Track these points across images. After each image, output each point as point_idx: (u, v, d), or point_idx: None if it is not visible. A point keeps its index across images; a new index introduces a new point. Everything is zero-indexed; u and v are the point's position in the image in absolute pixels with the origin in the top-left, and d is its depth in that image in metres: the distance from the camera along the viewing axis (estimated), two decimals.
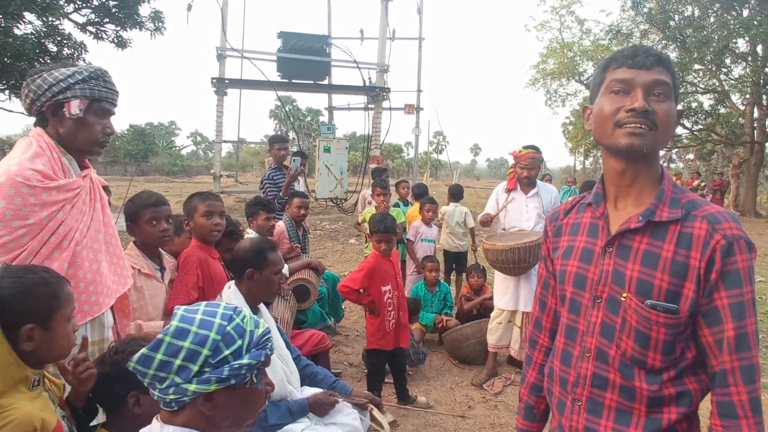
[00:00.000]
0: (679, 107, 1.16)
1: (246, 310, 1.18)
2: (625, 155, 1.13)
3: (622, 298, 1.12)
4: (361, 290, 3.38)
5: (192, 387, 1.05)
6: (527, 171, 3.98)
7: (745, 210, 19.18)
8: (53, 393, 1.44)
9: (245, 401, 1.13)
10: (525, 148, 4.02)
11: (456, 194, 5.92)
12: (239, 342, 1.10)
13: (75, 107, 1.63)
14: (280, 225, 4.13)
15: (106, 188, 2.06)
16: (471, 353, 4.34)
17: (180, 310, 1.10)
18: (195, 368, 1.05)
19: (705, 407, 1.23)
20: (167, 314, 2.30)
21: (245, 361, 1.09)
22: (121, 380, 1.44)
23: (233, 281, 2.32)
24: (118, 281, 1.79)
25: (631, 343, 1.12)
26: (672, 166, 54.40)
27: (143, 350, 1.05)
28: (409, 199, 6.03)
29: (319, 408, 2.26)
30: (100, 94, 1.67)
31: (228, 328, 1.09)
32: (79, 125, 1.66)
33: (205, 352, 1.05)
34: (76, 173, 1.70)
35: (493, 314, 4.15)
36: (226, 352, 1.07)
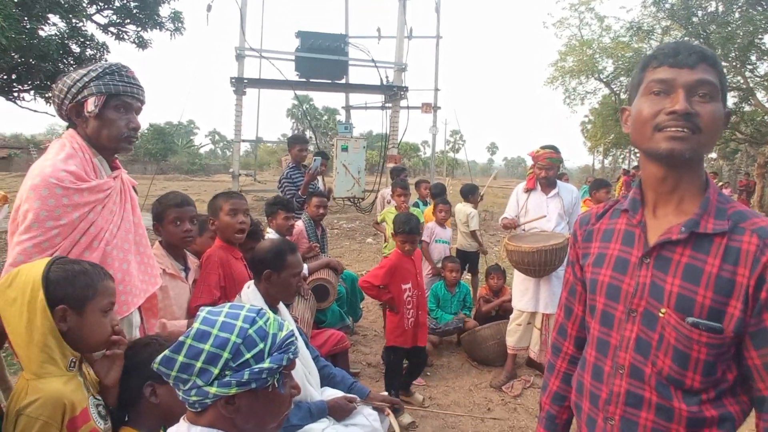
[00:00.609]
0: (729, 107, 1.10)
1: (271, 314, 1.18)
2: (666, 161, 1.07)
3: (661, 314, 1.06)
4: (381, 287, 3.41)
5: (213, 390, 1.05)
6: (545, 171, 3.93)
7: None
8: (90, 381, 1.48)
9: (268, 405, 1.13)
10: (543, 148, 3.98)
11: (464, 193, 5.87)
12: (261, 345, 1.09)
13: (91, 104, 1.65)
14: (299, 225, 4.14)
15: (133, 189, 2.09)
16: (490, 355, 4.31)
17: (203, 312, 1.11)
18: (216, 371, 1.05)
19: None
20: (191, 314, 2.33)
21: (266, 365, 1.08)
22: (135, 373, 1.47)
23: (252, 281, 2.34)
24: (147, 281, 1.82)
25: (668, 361, 1.05)
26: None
27: (166, 352, 1.06)
28: (428, 200, 6.01)
29: (338, 412, 2.27)
30: (117, 89, 1.66)
31: (250, 331, 1.09)
32: (101, 122, 1.67)
33: (226, 355, 1.06)
34: (107, 174, 1.73)
35: (512, 316, 4.12)
36: (247, 356, 1.07)
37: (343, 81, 9.74)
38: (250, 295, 2.23)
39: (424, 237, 4.87)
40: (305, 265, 3.72)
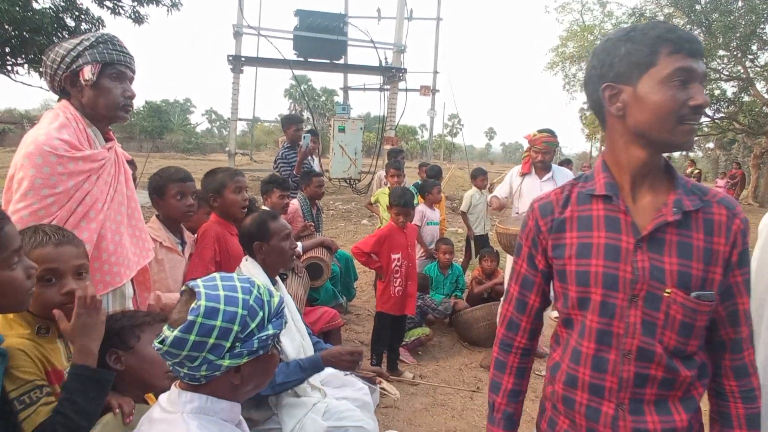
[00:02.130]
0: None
1: (258, 280, 1.21)
2: (672, 150, 1.11)
3: (666, 294, 1.08)
4: (373, 255, 3.61)
5: (226, 362, 1.09)
6: (542, 155, 3.94)
7: (763, 201, 18.86)
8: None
9: (266, 367, 1.19)
10: (540, 131, 3.98)
11: (472, 176, 5.96)
12: (261, 313, 1.14)
13: (88, 72, 1.65)
14: (295, 203, 4.16)
15: (131, 162, 2.10)
16: (481, 335, 4.37)
17: (200, 288, 1.11)
18: (228, 344, 1.08)
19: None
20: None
21: (271, 331, 1.14)
22: (117, 339, 1.47)
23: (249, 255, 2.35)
24: (139, 254, 1.83)
25: (674, 336, 1.10)
26: (691, 155, 53.47)
27: (176, 332, 1.07)
28: None
29: (336, 361, 2.18)
30: (111, 57, 1.67)
31: (250, 301, 1.13)
32: (97, 91, 1.68)
33: (236, 328, 1.09)
34: (101, 144, 1.73)
35: (503, 297, 4.16)
36: (252, 326, 1.11)
37: (342, 61, 9.66)
38: (250, 266, 2.24)
39: (415, 220, 4.89)
40: (299, 243, 3.74)
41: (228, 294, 1.11)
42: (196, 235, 2.54)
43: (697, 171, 18.53)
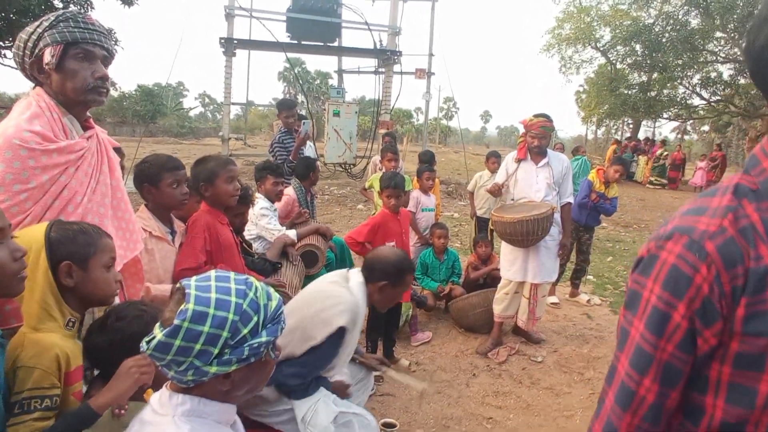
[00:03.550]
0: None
1: (257, 282, 1.16)
2: None
3: None
4: (367, 244, 3.53)
5: (213, 369, 1.04)
6: (538, 140, 3.89)
7: None
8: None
9: (260, 373, 1.14)
10: (536, 116, 3.93)
11: (487, 158, 5.99)
12: (255, 318, 1.08)
13: (47, 55, 1.54)
14: (290, 193, 4.09)
15: (118, 150, 2.03)
16: (477, 322, 4.36)
17: (191, 289, 1.06)
18: (215, 351, 1.03)
19: None
20: (175, 278, 2.31)
21: (264, 339, 1.08)
22: (125, 348, 1.44)
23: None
24: (126, 246, 1.77)
25: None
26: (686, 138, 53.49)
27: (161, 336, 1.02)
28: None
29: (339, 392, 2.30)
30: (74, 36, 1.55)
31: (244, 306, 1.07)
32: (63, 75, 1.56)
33: (225, 334, 1.03)
34: (78, 134, 1.65)
35: (500, 284, 4.15)
36: (245, 331, 1.06)
37: (336, 44, 9.50)
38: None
39: (410, 206, 4.84)
40: (294, 231, 3.70)
41: (220, 297, 1.06)
42: (186, 224, 2.49)
43: (666, 153, 18.32)
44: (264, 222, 3.67)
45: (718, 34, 19.27)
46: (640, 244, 9.49)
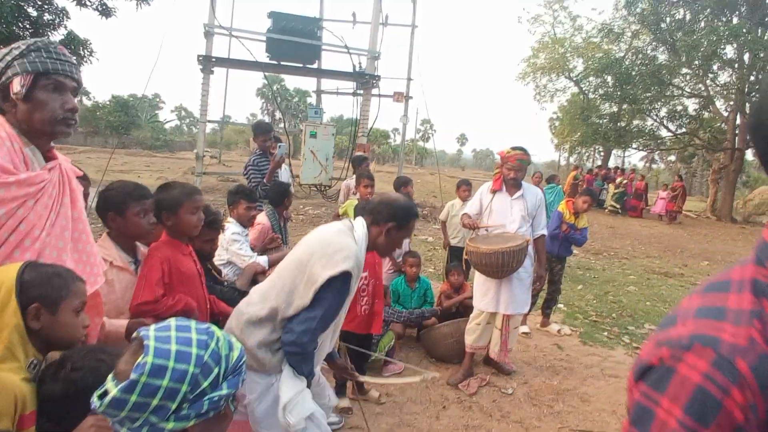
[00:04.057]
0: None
1: (218, 331, 1.11)
2: None
3: None
4: None
5: (169, 425, 0.98)
6: (514, 172, 3.94)
7: (721, 215, 19.57)
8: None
9: (218, 425, 1.09)
10: (513, 149, 3.99)
11: (458, 186, 6.04)
12: (216, 370, 1.03)
13: (17, 84, 1.49)
14: (263, 221, 4.02)
15: (83, 178, 1.95)
16: (448, 352, 4.34)
17: (150, 340, 1.01)
18: (173, 406, 0.98)
19: None
20: (131, 312, 2.20)
21: (224, 391, 1.03)
22: (79, 401, 1.35)
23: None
24: (86, 281, 1.70)
25: None
26: (653, 166, 55.30)
27: (116, 392, 0.96)
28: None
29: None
30: (46, 67, 1.50)
31: (205, 357, 1.02)
32: (31, 105, 1.51)
33: (184, 388, 0.98)
34: (40, 165, 1.58)
35: (472, 315, 4.15)
36: (205, 384, 1.01)
37: (315, 65, 9.54)
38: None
39: None
40: (265, 258, 3.63)
41: (180, 349, 1.00)
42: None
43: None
44: (235, 248, 3.59)
45: (684, 70, 20.13)
46: (610, 271, 9.67)
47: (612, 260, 11.04)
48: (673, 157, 47.47)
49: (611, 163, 27.51)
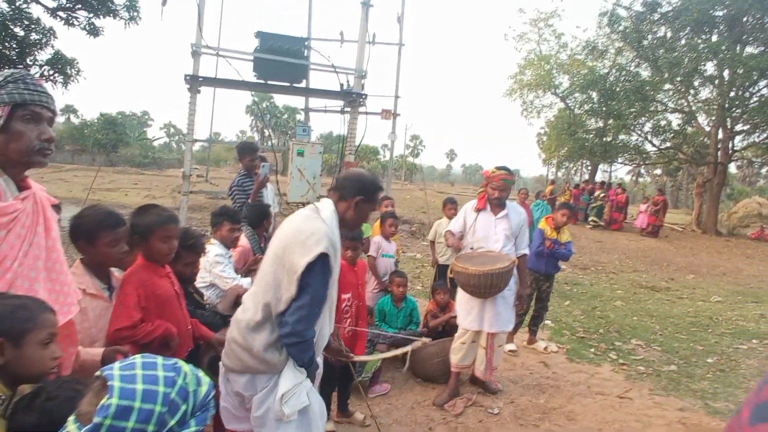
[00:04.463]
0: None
1: (185, 366, 1.10)
2: None
3: None
4: None
5: None
6: (498, 192, 3.98)
7: (706, 228, 19.79)
8: None
9: None
10: (498, 168, 4.03)
11: (444, 204, 6.05)
12: (184, 407, 1.02)
13: None
14: (244, 243, 4.00)
15: (57, 206, 1.94)
16: (435, 372, 4.32)
17: (115, 380, 0.99)
18: None
19: None
20: (109, 339, 2.18)
21: (192, 429, 1.02)
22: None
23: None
24: (59, 310, 1.67)
25: None
26: (640, 180, 55.99)
27: None
28: None
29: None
30: (23, 98, 1.52)
31: (173, 395, 1.01)
32: (8, 135, 1.52)
33: (150, 429, 0.97)
34: (13, 195, 1.58)
35: (457, 334, 4.14)
36: (171, 423, 0.99)
37: (303, 84, 9.59)
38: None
39: (371, 252, 4.83)
40: (248, 279, 3.61)
41: (147, 388, 0.99)
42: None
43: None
44: (218, 270, 3.57)
45: (667, 86, 20.53)
46: (597, 286, 9.73)
47: (600, 275, 11.11)
48: (659, 171, 48.14)
49: (598, 178, 27.82)
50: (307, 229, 2.05)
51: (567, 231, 5.46)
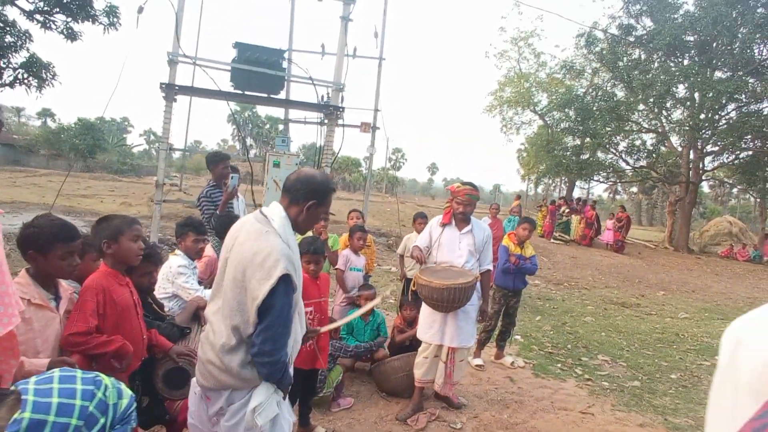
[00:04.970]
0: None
1: (106, 379, 1.10)
2: None
3: None
4: None
5: None
6: (463, 207, 4.03)
7: (678, 246, 20.23)
8: None
9: None
10: (463, 184, 4.10)
11: (414, 219, 6.08)
12: (102, 420, 1.02)
13: None
14: (210, 253, 3.98)
15: None
16: (399, 386, 4.31)
17: (29, 394, 0.98)
18: None
19: None
20: (63, 344, 2.19)
21: None
22: None
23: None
24: None
25: None
26: (617, 197, 57.08)
27: None
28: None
29: None
30: None
31: (90, 408, 1.01)
32: None
33: None
34: None
35: (420, 348, 4.16)
36: None
37: (281, 96, 9.61)
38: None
39: (339, 265, 4.83)
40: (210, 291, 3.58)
41: (62, 401, 0.98)
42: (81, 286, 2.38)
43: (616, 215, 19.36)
44: (181, 281, 3.54)
45: (641, 106, 21.09)
46: (569, 302, 9.85)
47: (572, 290, 11.27)
48: (635, 189, 49.15)
49: (576, 194, 28.31)
50: (263, 249, 1.98)
51: (530, 245, 5.54)
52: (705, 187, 25.20)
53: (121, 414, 1.06)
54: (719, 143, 20.00)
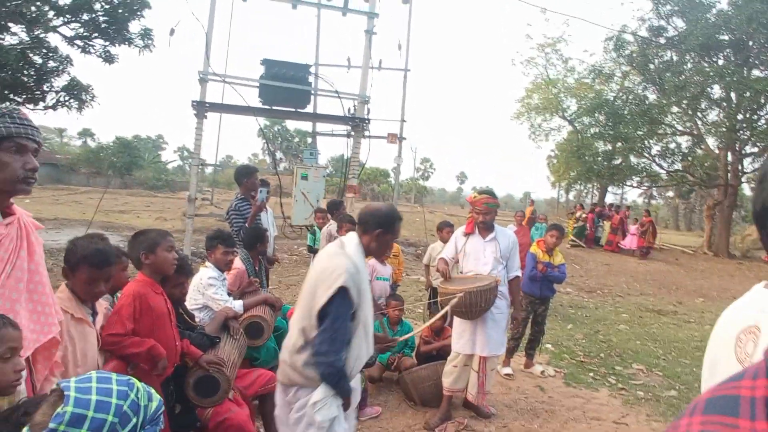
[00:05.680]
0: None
1: (138, 383, 1.17)
2: None
3: None
4: None
5: None
6: (482, 216, 4.04)
7: (718, 251, 19.52)
8: None
9: None
10: (480, 193, 4.11)
11: (440, 228, 6.08)
12: (134, 420, 1.10)
13: None
14: (239, 266, 4.08)
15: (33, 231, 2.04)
16: (427, 395, 4.31)
17: (71, 391, 1.07)
18: None
19: None
20: (102, 343, 2.36)
21: None
22: None
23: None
24: (39, 330, 1.76)
25: None
26: (653, 202, 55.50)
27: None
28: None
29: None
30: (9, 131, 1.64)
31: (125, 407, 1.08)
32: None
33: None
34: None
35: (449, 357, 4.16)
36: None
37: (308, 109, 9.80)
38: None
39: None
40: (240, 302, 3.68)
41: (100, 399, 1.07)
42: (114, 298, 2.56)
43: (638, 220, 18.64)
44: (211, 292, 3.65)
45: (675, 108, 20.54)
46: (602, 310, 9.63)
47: (606, 298, 11.01)
48: (671, 193, 47.71)
49: (609, 200, 27.66)
50: (330, 266, 2.30)
51: (560, 253, 5.47)
52: (746, 189, 24.22)
53: (151, 415, 1.13)
54: (759, 144, 19.28)
